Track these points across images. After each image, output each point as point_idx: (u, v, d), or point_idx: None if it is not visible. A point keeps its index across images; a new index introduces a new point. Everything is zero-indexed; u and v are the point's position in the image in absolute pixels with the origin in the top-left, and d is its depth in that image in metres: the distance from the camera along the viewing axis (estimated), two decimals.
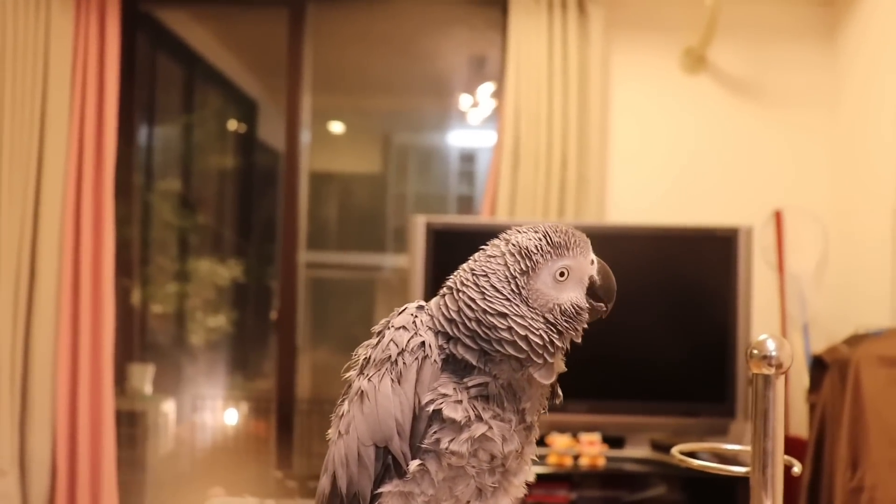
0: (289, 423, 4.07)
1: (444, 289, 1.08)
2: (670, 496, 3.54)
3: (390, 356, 1.03)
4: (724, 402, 3.47)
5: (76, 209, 3.81)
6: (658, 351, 3.50)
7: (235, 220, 5.18)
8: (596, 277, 1.06)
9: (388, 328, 1.07)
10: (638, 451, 3.63)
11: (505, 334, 1.00)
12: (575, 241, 1.04)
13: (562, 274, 1.03)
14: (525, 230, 1.05)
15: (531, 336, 1.00)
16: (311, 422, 4.35)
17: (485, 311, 1.01)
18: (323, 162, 4.95)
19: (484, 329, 1.01)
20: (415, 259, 3.47)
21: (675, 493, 3.55)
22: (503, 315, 1.00)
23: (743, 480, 3.24)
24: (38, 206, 3.78)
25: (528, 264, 1.01)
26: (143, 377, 4.29)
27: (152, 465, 4.43)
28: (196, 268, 4.87)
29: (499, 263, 1.03)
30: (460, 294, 1.04)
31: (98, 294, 3.81)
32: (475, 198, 4.92)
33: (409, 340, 1.03)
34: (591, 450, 3.42)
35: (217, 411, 4.64)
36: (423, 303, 1.09)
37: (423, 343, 1.02)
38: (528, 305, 1.01)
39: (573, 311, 1.03)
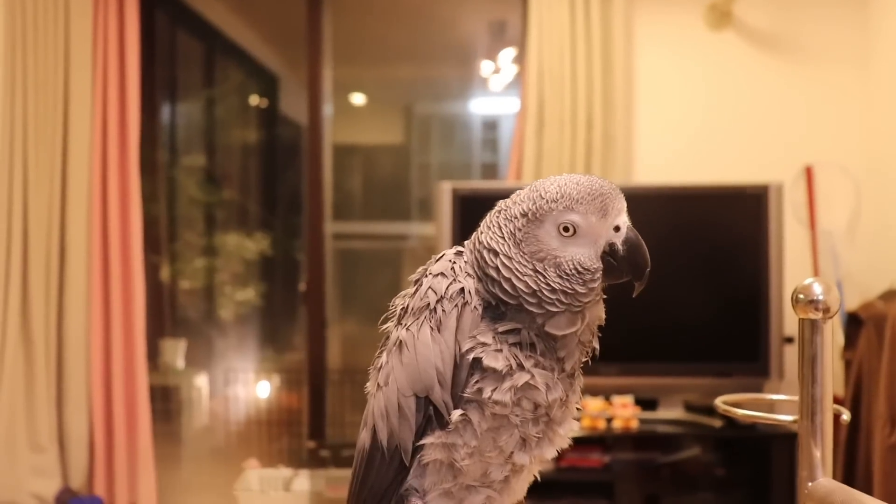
0: (320, 393, 4.09)
1: None
2: (704, 457, 3.53)
3: (429, 304, 1.00)
4: (758, 362, 3.44)
5: (103, 188, 3.83)
6: (690, 311, 3.47)
7: (260, 194, 5.19)
8: (619, 247, 0.98)
9: (426, 276, 1.04)
10: (671, 412, 3.61)
11: (493, 273, 0.98)
12: (593, 200, 0.96)
13: (566, 229, 0.97)
14: (558, 177, 1.00)
15: (515, 280, 0.97)
16: (343, 392, 4.37)
17: (484, 246, 0.99)
18: (346, 134, 4.94)
19: (482, 264, 0.99)
20: (441, 226, 3.45)
21: (710, 453, 3.54)
22: (495, 253, 0.98)
23: (779, 440, 3.23)
24: (64, 186, 3.80)
25: (531, 208, 0.97)
26: (175, 352, 4.33)
27: (187, 438, 4.48)
28: (223, 242, 4.90)
29: (514, 202, 1.01)
30: (480, 226, 1.03)
31: (127, 271, 3.83)
32: (499, 165, 4.89)
33: (447, 287, 1.00)
34: (624, 412, 3.40)
35: (249, 384, 4.68)
36: (461, 248, 1.06)
37: (462, 289, 0.99)
38: (520, 249, 0.98)
39: (572, 268, 0.97)
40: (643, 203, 3.39)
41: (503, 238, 0.99)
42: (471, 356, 0.98)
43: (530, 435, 1.00)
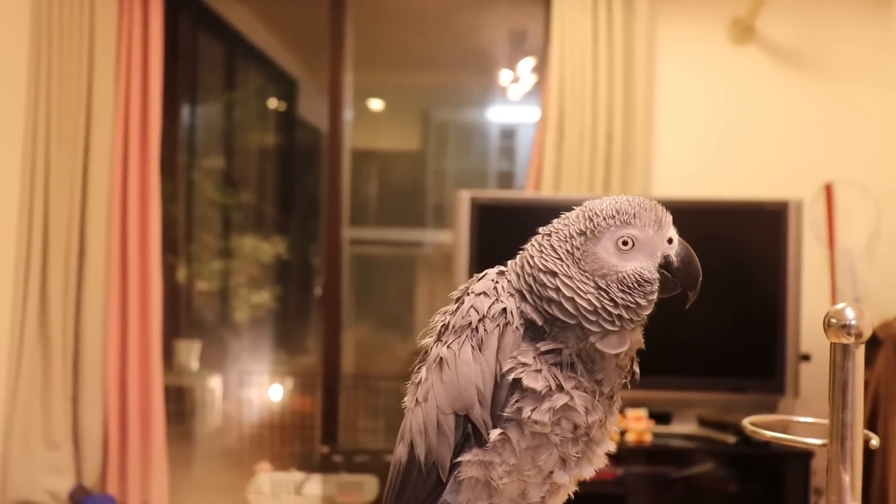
0: (334, 398, 4.10)
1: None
2: (718, 472, 3.52)
3: (471, 323, 1.01)
4: (773, 379, 3.43)
5: (123, 188, 3.86)
6: (706, 326, 3.46)
7: (278, 198, 5.20)
8: (674, 258, 1.02)
9: (468, 294, 1.05)
10: (685, 427, 3.60)
11: (552, 293, 0.99)
12: (648, 213, 1.00)
13: (625, 243, 0.99)
14: (607, 197, 1.03)
15: (578, 299, 0.98)
16: (356, 397, 4.37)
17: (539, 269, 1.00)
18: (364, 139, 4.95)
19: (538, 287, 1.00)
20: (459, 234, 3.46)
21: (723, 469, 3.52)
22: (553, 274, 0.99)
23: (794, 458, 3.22)
24: (85, 186, 3.83)
25: (589, 226, 1.00)
26: (190, 353, 4.34)
27: (200, 439, 4.49)
28: (240, 245, 4.92)
29: (564, 224, 1.03)
30: (526, 250, 1.04)
31: (145, 272, 3.85)
32: (516, 173, 4.89)
33: (490, 307, 1.01)
34: (637, 426, 3.40)
35: (263, 387, 4.69)
36: (503, 268, 1.07)
37: (504, 309, 1.00)
38: (579, 268, 0.99)
39: (634, 279, 0.99)
40: None
41: (560, 259, 1.00)
42: (511, 376, 0.98)
43: (570, 455, 1.01)
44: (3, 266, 3.75)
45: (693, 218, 3.52)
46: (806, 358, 3.44)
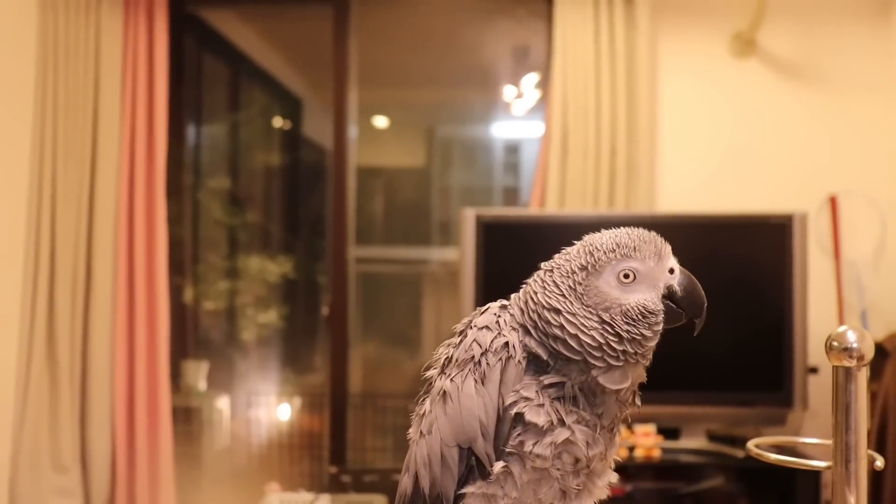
0: (342, 417, 4.09)
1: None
2: (727, 487, 3.50)
3: (473, 356, 1.02)
4: (781, 392, 3.41)
5: (129, 209, 3.87)
6: (713, 340, 3.43)
7: (283, 217, 5.22)
8: (676, 288, 1.03)
9: (471, 328, 1.06)
10: (694, 441, 3.59)
11: (556, 331, 0.99)
12: (647, 245, 1.01)
13: (626, 276, 1.00)
14: (606, 231, 1.04)
15: (582, 336, 0.98)
16: (364, 416, 4.37)
17: (542, 306, 1.01)
18: (368, 157, 4.97)
19: (542, 324, 1.00)
20: (465, 252, 3.46)
21: (733, 483, 3.51)
22: (557, 311, 1.00)
23: (804, 471, 3.20)
24: (92, 206, 3.85)
25: (590, 260, 1.00)
26: (198, 374, 4.34)
27: (208, 460, 4.49)
28: (246, 265, 4.92)
29: (566, 259, 1.03)
30: (529, 286, 1.05)
31: (152, 292, 3.86)
32: (520, 189, 4.90)
33: (492, 341, 1.02)
34: (646, 441, 3.39)
35: (270, 407, 4.69)
36: (505, 302, 1.08)
37: (506, 343, 1.01)
38: (582, 303, 1.00)
39: (638, 311, 1.00)
40: (667, 232, 3.36)
41: (563, 295, 1.01)
42: (513, 410, 0.99)
43: (571, 487, 1.02)
44: (11, 288, 3.77)
45: (698, 232, 3.57)
46: (814, 371, 3.43)
